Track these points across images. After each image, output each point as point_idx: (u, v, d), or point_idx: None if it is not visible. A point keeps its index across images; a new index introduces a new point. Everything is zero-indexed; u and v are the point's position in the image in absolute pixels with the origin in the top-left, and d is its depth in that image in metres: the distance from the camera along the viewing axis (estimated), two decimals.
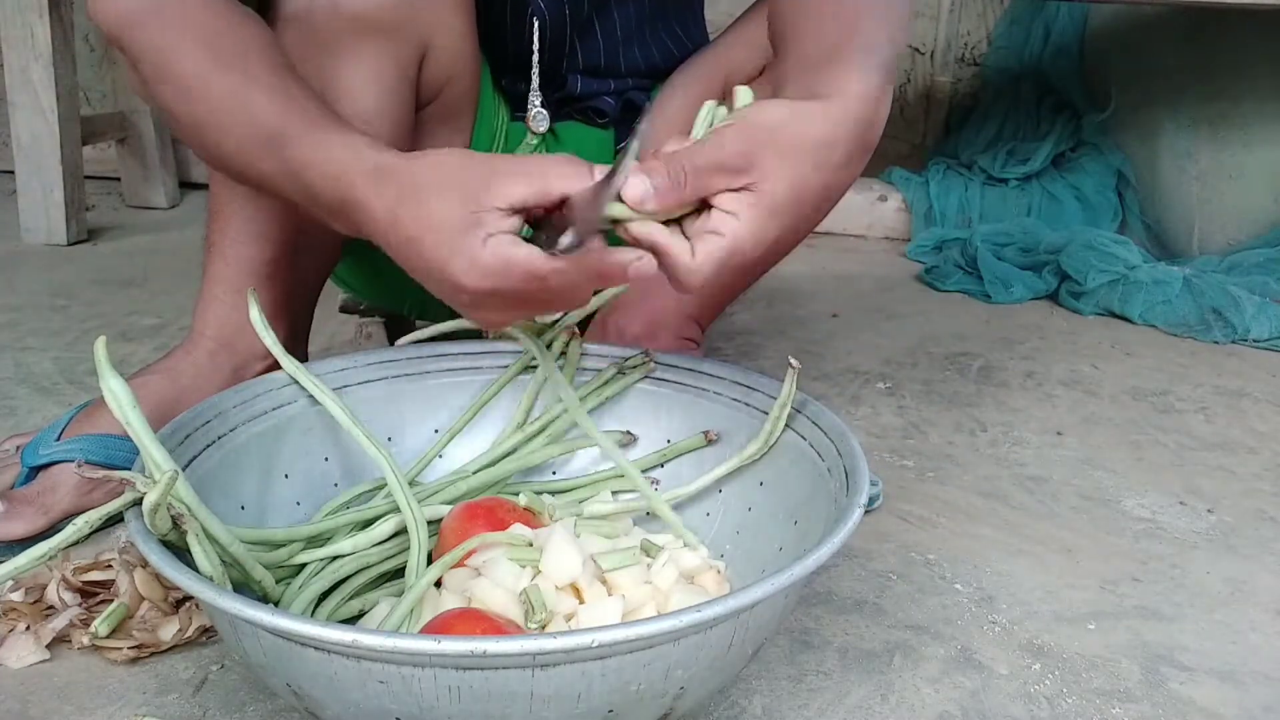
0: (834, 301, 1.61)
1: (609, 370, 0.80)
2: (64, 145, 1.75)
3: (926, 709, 0.65)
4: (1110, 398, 1.24)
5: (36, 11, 1.69)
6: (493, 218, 0.58)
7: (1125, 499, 0.97)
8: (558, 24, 0.93)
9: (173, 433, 0.64)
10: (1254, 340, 1.47)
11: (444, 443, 0.79)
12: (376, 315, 1.23)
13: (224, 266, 0.89)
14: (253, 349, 0.89)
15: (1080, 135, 2.03)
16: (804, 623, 0.73)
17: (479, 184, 0.59)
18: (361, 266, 1.05)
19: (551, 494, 0.77)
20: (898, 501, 0.94)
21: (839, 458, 0.65)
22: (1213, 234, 1.89)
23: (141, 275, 1.60)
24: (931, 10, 2.31)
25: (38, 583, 0.71)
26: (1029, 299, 1.66)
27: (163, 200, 2.08)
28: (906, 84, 2.36)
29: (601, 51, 0.97)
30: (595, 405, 0.79)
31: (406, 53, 0.83)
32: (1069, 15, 2.13)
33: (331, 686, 0.49)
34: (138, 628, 0.67)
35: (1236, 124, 1.86)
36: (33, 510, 0.78)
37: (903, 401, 1.20)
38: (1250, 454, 1.09)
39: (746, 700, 0.65)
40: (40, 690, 0.64)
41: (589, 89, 0.98)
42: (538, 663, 0.46)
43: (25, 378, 1.14)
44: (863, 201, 2.06)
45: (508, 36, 0.94)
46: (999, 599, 0.78)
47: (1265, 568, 0.85)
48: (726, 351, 1.33)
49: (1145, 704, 0.67)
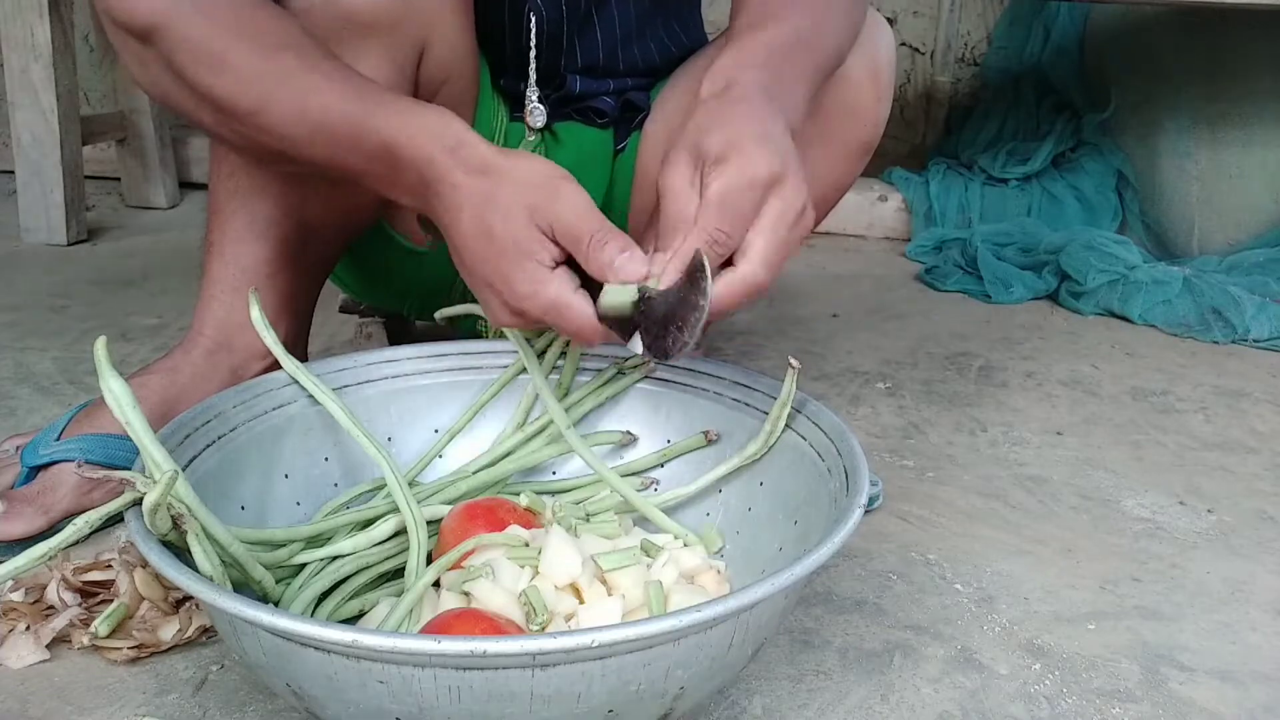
0: (834, 301, 1.61)
1: (609, 370, 0.80)
2: (64, 145, 1.75)
3: (926, 709, 0.65)
4: (1110, 398, 1.24)
5: (36, 11, 1.69)
6: (546, 244, 0.64)
7: (1125, 499, 0.97)
8: (555, 21, 0.93)
9: (173, 433, 0.64)
10: (1254, 340, 1.47)
11: (444, 443, 0.79)
12: (376, 315, 1.23)
13: (223, 266, 0.89)
14: (252, 349, 0.89)
15: (1080, 135, 2.03)
16: (804, 623, 0.73)
17: (546, 204, 0.64)
18: (361, 267, 1.05)
19: (551, 494, 0.77)
20: (898, 501, 0.94)
21: (839, 458, 0.65)
22: (1213, 234, 1.89)
23: (141, 275, 1.60)
24: (931, 10, 2.31)
25: (38, 583, 0.71)
26: (1029, 299, 1.66)
27: (163, 200, 2.08)
28: (906, 84, 2.36)
29: (600, 49, 0.96)
30: (595, 405, 0.79)
31: (404, 51, 0.83)
32: (1069, 15, 2.13)
33: (331, 686, 0.49)
34: (138, 628, 0.67)
35: (1236, 124, 1.86)
36: (33, 510, 0.78)
37: (903, 401, 1.20)
38: (1250, 454, 1.09)
39: (746, 700, 0.65)
40: (40, 690, 0.64)
41: (588, 88, 0.98)
42: (538, 663, 0.46)
43: (25, 378, 1.14)
44: (863, 201, 2.06)
45: (505, 34, 0.94)
46: (999, 599, 0.78)
47: (1265, 568, 0.85)
48: (726, 351, 1.33)
49: (1145, 704, 0.67)
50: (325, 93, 0.69)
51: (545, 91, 0.96)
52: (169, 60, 0.70)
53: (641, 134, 1.01)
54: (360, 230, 0.96)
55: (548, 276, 0.64)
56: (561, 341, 0.80)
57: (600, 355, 0.81)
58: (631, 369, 0.80)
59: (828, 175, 0.96)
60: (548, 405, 0.77)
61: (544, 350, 0.80)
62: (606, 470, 0.74)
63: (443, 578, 0.64)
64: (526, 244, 0.64)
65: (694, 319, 0.60)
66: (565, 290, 0.64)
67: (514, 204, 0.64)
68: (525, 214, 0.64)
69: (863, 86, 0.92)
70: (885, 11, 2.20)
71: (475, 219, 0.65)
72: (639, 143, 1.01)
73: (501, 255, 0.64)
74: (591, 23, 0.95)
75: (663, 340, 0.62)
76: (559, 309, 0.64)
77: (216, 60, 0.70)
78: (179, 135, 2.17)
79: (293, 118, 0.70)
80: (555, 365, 0.80)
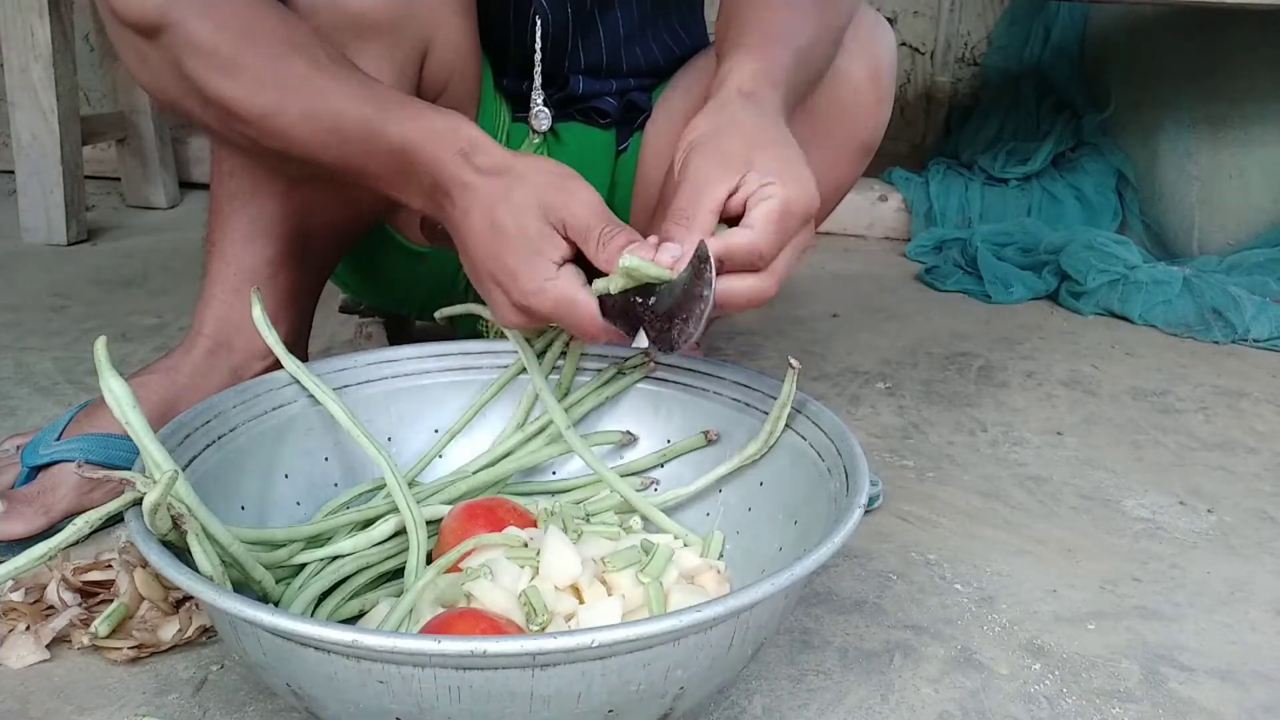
0: (834, 301, 1.61)
1: (609, 370, 0.80)
2: (64, 145, 1.75)
3: (926, 709, 0.65)
4: (1110, 398, 1.24)
5: (36, 11, 1.69)
6: (557, 241, 0.65)
7: (1125, 499, 0.97)
8: (560, 23, 0.93)
9: (173, 433, 0.64)
10: (1254, 340, 1.47)
11: (444, 443, 0.79)
12: (376, 315, 1.23)
13: (224, 266, 0.89)
14: (252, 348, 0.89)
15: (1080, 135, 2.03)
16: (804, 623, 0.73)
17: (555, 198, 0.65)
18: (361, 267, 1.05)
19: (551, 494, 0.77)
20: (898, 501, 0.94)
21: (839, 458, 0.65)
22: (1213, 234, 1.89)
23: (141, 275, 1.60)
24: (931, 10, 2.31)
25: (38, 583, 0.71)
26: (1029, 299, 1.66)
27: (163, 200, 2.08)
28: (906, 84, 2.36)
29: (604, 50, 0.96)
30: (595, 405, 0.79)
31: (407, 52, 0.83)
32: (1069, 15, 2.13)
33: (331, 686, 0.49)
34: (138, 628, 0.67)
35: (1236, 124, 1.86)
36: (33, 510, 0.78)
37: (903, 401, 1.20)
38: (1250, 454, 1.09)
39: (746, 700, 0.65)
40: (40, 690, 0.64)
41: (591, 89, 0.98)
42: (537, 662, 0.46)
43: (25, 378, 1.14)
44: (863, 201, 2.06)
45: (509, 36, 0.94)
46: (999, 599, 0.78)
47: (1265, 568, 0.85)
48: (726, 351, 1.33)
49: (1145, 704, 0.67)
50: (337, 97, 0.70)
51: (549, 92, 0.96)
52: (175, 60, 0.70)
53: (643, 135, 1.01)
54: (362, 231, 0.96)
55: (556, 272, 0.65)
56: (562, 341, 0.80)
57: (600, 355, 0.81)
58: (632, 369, 0.80)
59: (828, 176, 0.96)
60: (547, 405, 0.77)
61: (544, 350, 0.80)
62: (606, 470, 0.74)
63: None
64: (537, 240, 0.64)
65: (699, 310, 0.61)
66: (573, 286, 0.65)
67: (526, 201, 0.65)
68: (537, 211, 0.64)
69: (863, 88, 0.92)
70: (885, 11, 2.19)
71: (486, 217, 0.66)
72: (641, 143, 1.01)
73: (511, 251, 0.65)
74: (595, 23, 0.95)
75: (667, 333, 0.63)
76: (566, 305, 0.65)
77: (226, 62, 0.69)
78: (179, 135, 2.17)
79: (304, 122, 0.70)
80: (555, 365, 0.80)
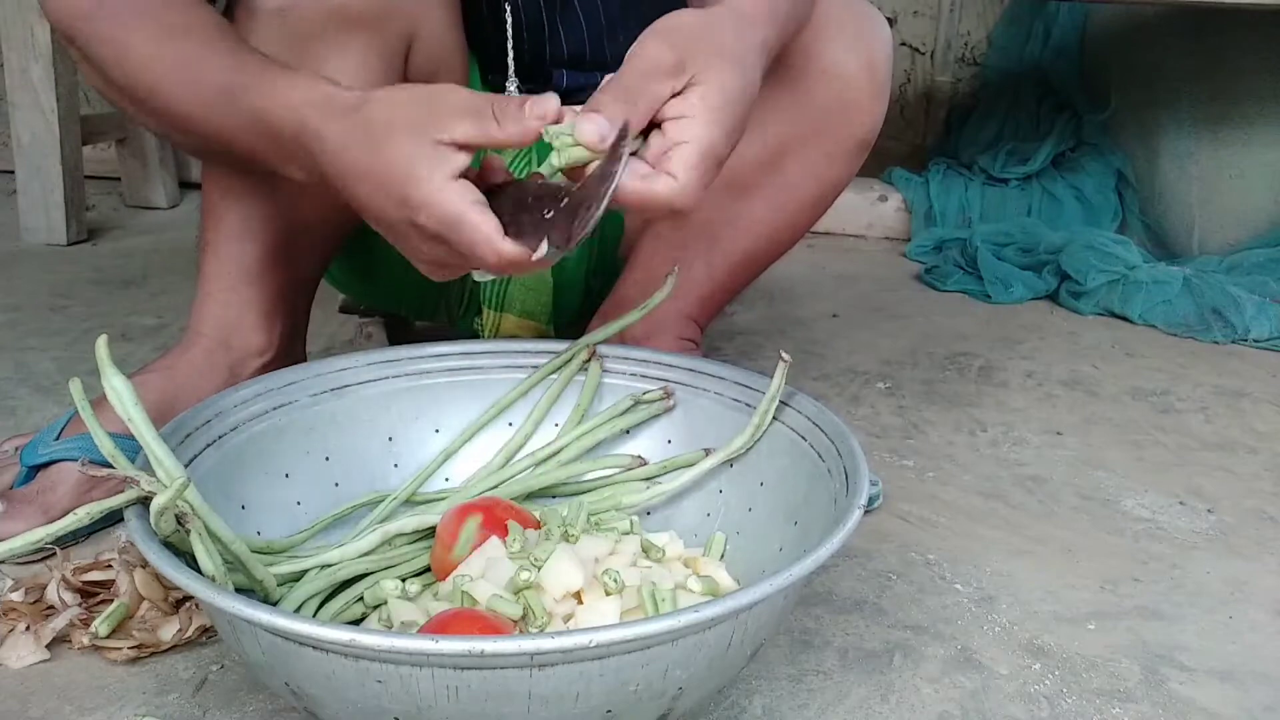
0: (834, 301, 1.61)
1: (624, 402, 0.79)
2: (64, 145, 1.75)
3: (926, 709, 0.65)
4: (1110, 398, 1.24)
5: (37, 11, 1.69)
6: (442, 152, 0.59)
7: (1125, 499, 0.97)
8: (533, 12, 0.92)
9: (173, 432, 0.64)
10: (1254, 340, 1.46)
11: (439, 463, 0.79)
12: (376, 315, 1.23)
13: (218, 265, 0.89)
14: (248, 346, 0.89)
15: (1080, 135, 2.03)
16: (804, 623, 0.73)
17: (428, 117, 0.60)
18: (355, 267, 1.05)
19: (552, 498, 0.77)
20: (898, 501, 0.94)
21: (839, 458, 0.65)
22: (1213, 234, 1.88)
23: (141, 275, 1.60)
24: (931, 10, 2.31)
25: (38, 583, 0.71)
26: (1029, 299, 1.66)
27: (163, 200, 2.08)
28: (906, 84, 2.36)
29: (586, 41, 0.95)
30: (609, 436, 0.78)
31: (391, 45, 0.83)
32: (1069, 15, 2.13)
33: (330, 686, 0.49)
34: (138, 628, 0.67)
35: (1236, 124, 1.86)
36: (32, 509, 0.78)
37: (903, 401, 1.20)
38: (1250, 454, 1.09)
39: (746, 700, 0.65)
40: (40, 690, 0.64)
41: (575, 82, 0.97)
42: (535, 663, 0.46)
43: (25, 378, 1.14)
44: (863, 201, 2.06)
45: (486, 25, 0.94)
46: (999, 599, 0.78)
47: (1265, 568, 0.85)
48: (726, 351, 1.33)
49: (1145, 704, 0.67)
50: (207, 69, 0.70)
51: (530, 87, 0.95)
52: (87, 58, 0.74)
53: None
54: (353, 226, 0.95)
55: (443, 185, 0.59)
56: (581, 360, 0.79)
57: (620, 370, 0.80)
58: (649, 403, 0.79)
59: (824, 173, 0.95)
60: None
61: (569, 359, 0.79)
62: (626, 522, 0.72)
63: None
64: (416, 156, 0.59)
65: (603, 191, 0.57)
66: (462, 201, 0.59)
67: (395, 122, 0.60)
68: (409, 130, 0.60)
69: (858, 83, 0.91)
70: (885, 11, 2.18)
71: (359, 157, 0.62)
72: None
73: (394, 179, 0.60)
74: (573, 12, 0.94)
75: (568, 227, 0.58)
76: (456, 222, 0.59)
77: (120, 49, 0.72)
78: None
79: (180, 97, 0.71)
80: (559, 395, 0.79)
